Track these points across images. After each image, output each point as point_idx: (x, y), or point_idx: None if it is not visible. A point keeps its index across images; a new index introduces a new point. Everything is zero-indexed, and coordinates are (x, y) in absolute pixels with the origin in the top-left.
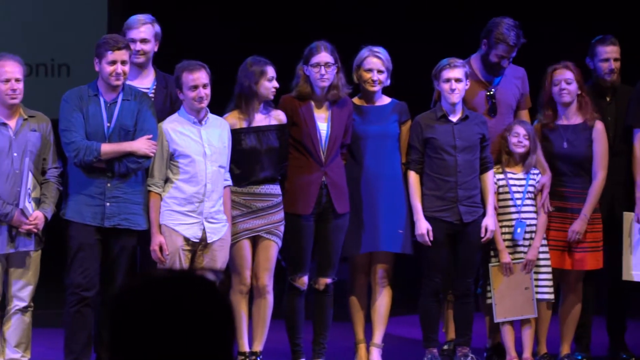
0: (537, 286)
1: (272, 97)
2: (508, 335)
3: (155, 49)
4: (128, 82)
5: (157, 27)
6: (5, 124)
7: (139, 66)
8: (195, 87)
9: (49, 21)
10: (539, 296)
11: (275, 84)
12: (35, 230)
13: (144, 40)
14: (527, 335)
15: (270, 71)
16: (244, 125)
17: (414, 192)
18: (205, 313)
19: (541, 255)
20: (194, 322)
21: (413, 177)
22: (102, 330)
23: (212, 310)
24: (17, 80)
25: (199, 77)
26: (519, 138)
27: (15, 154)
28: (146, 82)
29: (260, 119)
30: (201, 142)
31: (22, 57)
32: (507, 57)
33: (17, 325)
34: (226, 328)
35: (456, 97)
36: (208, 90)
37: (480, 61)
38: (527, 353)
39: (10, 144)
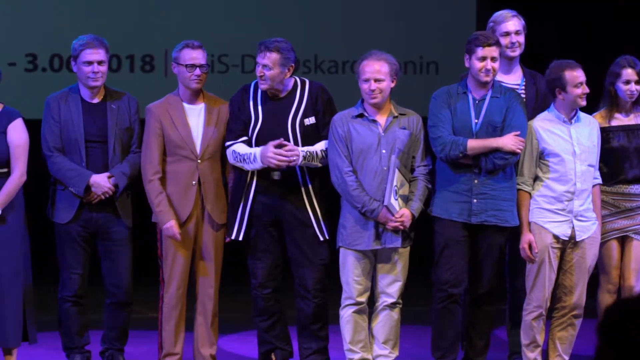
0: None
1: (628, 100)
2: None
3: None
4: (497, 78)
5: (523, 21)
6: (374, 121)
7: (509, 60)
8: (580, 84)
9: (418, 19)
10: None
11: (632, 87)
12: (402, 227)
13: (517, 32)
14: None
15: (626, 74)
16: (612, 124)
17: None
18: None
19: None
20: None
21: None
22: (470, 328)
23: None
24: (376, 80)
25: (581, 75)
26: None
27: (383, 151)
28: (514, 77)
29: (630, 118)
30: (571, 141)
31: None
32: None
33: (385, 322)
34: None
35: None
36: (586, 89)
37: None
38: None
39: (379, 141)
